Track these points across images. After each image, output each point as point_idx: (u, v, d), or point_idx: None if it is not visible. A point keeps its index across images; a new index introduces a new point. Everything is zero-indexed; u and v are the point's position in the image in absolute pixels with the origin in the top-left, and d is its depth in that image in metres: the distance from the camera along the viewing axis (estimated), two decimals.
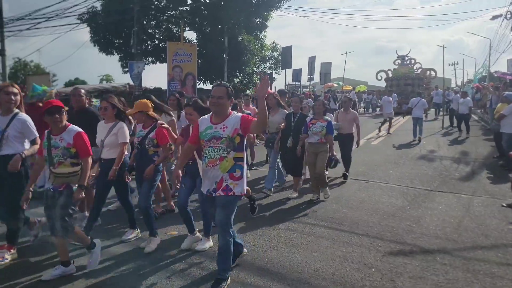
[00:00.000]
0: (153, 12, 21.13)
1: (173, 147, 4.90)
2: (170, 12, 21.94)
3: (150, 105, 4.50)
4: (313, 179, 6.42)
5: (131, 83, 17.86)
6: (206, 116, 3.54)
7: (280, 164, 7.13)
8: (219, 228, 3.37)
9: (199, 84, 20.24)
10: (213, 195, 3.36)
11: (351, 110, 7.87)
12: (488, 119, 15.66)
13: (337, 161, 6.71)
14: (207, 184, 3.41)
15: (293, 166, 6.70)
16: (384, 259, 4.00)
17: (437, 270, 3.72)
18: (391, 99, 15.22)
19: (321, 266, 3.84)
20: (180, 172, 4.00)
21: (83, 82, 33.12)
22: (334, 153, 6.40)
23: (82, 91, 5.38)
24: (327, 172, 7.54)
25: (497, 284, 3.41)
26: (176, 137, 4.86)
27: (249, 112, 8.54)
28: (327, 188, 6.40)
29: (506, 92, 9.69)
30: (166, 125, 4.55)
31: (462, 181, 7.56)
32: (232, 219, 3.40)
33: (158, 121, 4.50)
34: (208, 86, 22.71)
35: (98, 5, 20.43)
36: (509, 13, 23.16)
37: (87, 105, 5.44)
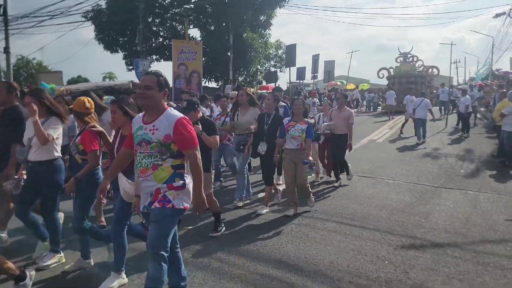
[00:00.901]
0: (157, 10, 21.24)
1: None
2: (174, 9, 22.04)
3: (88, 105, 3.76)
4: (289, 192, 5.54)
5: (135, 80, 17.96)
6: (140, 114, 2.92)
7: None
8: (149, 250, 2.69)
9: (204, 82, 20.35)
10: (149, 211, 2.75)
11: (346, 108, 7.26)
12: (490, 117, 15.74)
13: (311, 166, 5.64)
14: (143, 199, 2.80)
15: (265, 173, 5.80)
16: (396, 252, 4.13)
17: (448, 262, 3.86)
18: (414, 97, 13.96)
19: (335, 259, 3.98)
20: (107, 184, 3.14)
21: (86, 80, 33.21)
22: (311, 158, 5.54)
23: (10, 84, 4.50)
24: (324, 177, 7.68)
25: (507, 276, 3.54)
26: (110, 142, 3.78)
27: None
28: (312, 197, 5.75)
29: (510, 91, 9.80)
30: (98, 128, 3.73)
31: (468, 178, 7.69)
32: (169, 240, 2.74)
33: (90, 124, 3.72)
34: (213, 84, 22.85)
35: (103, 3, 20.58)
36: None
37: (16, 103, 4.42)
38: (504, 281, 3.45)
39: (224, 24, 20.64)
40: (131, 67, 21.25)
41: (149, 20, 20.86)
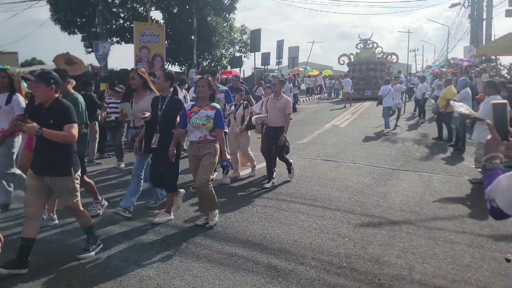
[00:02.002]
0: None
1: None
2: None
3: None
4: (199, 198, 4.61)
5: (94, 63, 17.35)
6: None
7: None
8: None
9: (167, 66, 19.95)
10: None
11: (284, 96, 6.26)
12: (435, 104, 16.55)
13: (227, 168, 4.71)
14: None
15: (163, 176, 4.59)
16: (356, 230, 4.36)
17: (403, 238, 4.12)
18: (404, 87, 13.85)
19: (299, 237, 4.15)
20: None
21: (41, 62, 31.57)
22: (228, 155, 4.65)
23: None
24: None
25: (455, 249, 3.84)
26: None
27: None
28: (217, 210, 4.55)
29: (462, 78, 10.35)
30: None
31: (423, 161, 8.11)
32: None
33: None
34: (176, 68, 22.44)
35: None
36: (467, 1, 24.27)
37: None
38: (452, 253, 3.74)
39: (187, 6, 20.23)
40: (89, 49, 20.47)
41: (109, 0, 20.07)
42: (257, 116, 6.35)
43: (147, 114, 4.60)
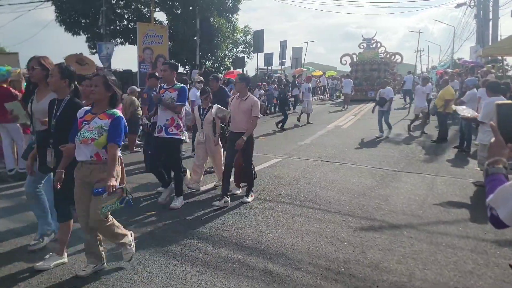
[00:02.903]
0: None
1: None
2: None
3: None
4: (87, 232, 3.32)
5: (99, 64, 17.34)
6: None
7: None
8: None
9: None
10: None
11: (250, 96, 5.41)
12: (433, 104, 16.33)
13: (127, 201, 3.22)
14: None
15: (58, 201, 3.52)
16: (356, 234, 4.25)
17: (404, 243, 4.01)
18: (424, 89, 12.08)
19: (297, 241, 4.05)
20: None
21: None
22: (125, 183, 3.33)
23: None
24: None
25: (458, 254, 3.72)
26: None
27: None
28: (128, 241, 3.46)
29: (469, 78, 10.24)
30: None
31: (427, 163, 7.98)
32: None
33: None
34: (180, 69, 22.40)
35: None
36: (473, 1, 24.04)
37: None
38: (454, 259, 3.63)
39: (191, 7, 20.20)
40: (94, 50, 20.47)
41: (113, 1, 20.10)
42: (219, 107, 5.63)
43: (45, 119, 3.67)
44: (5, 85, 6.31)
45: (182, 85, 5.25)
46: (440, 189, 5.99)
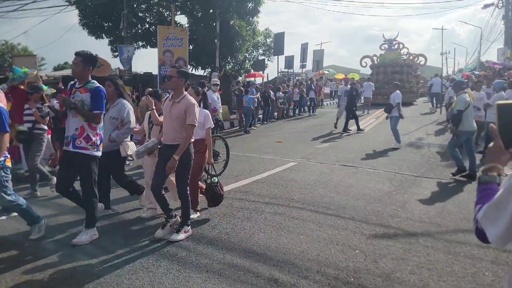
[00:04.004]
0: None
1: None
2: None
3: None
4: None
5: (120, 67, 17.63)
6: None
7: None
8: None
9: (190, 70, 20.04)
10: None
11: (187, 96, 4.20)
12: (450, 108, 15.77)
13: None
14: None
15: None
16: (369, 242, 4.07)
17: (419, 252, 3.81)
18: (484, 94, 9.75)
19: (306, 248, 3.91)
20: None
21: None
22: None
23: None
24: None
25: (476, 265, 3.50)
26: None
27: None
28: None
29: (496, 81, 9.82)
30: None
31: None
32: None
33: None
34: (199, 72, 22.52)
35: None
36: (501, 2, 23.26)
37: None
38: (472, 270, 3.41)
39: (211, 10, 20.26)
40: (116, 53, 20.83)
41: (135, 5, 20.38)
42: (127, 144, 4.83)
43: None
44: (22, 87, 6.43)
45: (97, 85, 4.05)
46: (461, 196, 5.72)
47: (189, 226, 4.28)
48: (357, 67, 30.94)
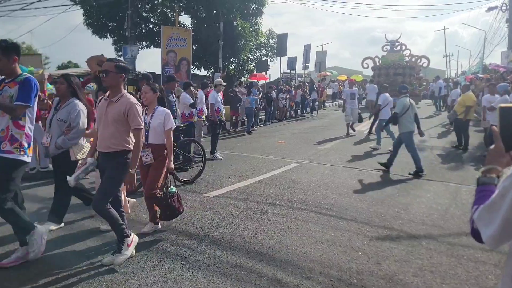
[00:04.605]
0: None
1: None
2: None
3: None
4: None
5: None
6: None
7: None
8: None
9: (193, 70, 20.09)
10: None
11: (126, 94, 3.55)
12: (479, 110, 15.77)
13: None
14: None
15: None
16: (371, 243, 4.08)
17: (422, 254, 3.81)
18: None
19: (309, 249, 3.92)
20: None
21: (76, 66, 32.64)
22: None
23: None
24: None
25: (479, 268, 3.51)
26: None
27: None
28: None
29: (500, 84, 9.81)
30: None
31: (451, 170, 7.68)
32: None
33: None
34: (202, 72, 22.57)
35: None
36: (504, 5, 23.22)
37: None
38: (476, 273, 3.41)
39: (215, 11, 20.30)
40: (120, 53, 20.88)
41: (139, 5, 20.44)
42: (77, 174, 3.76)
43: None
44: None
45: (27, 75, 3.50)
46: (465, 199, 5.71)
47: (130, 236, 3.63)
48: (360, 69, 30.85)
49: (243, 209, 5.22)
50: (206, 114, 9.77)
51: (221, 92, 10.17)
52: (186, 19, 23.05)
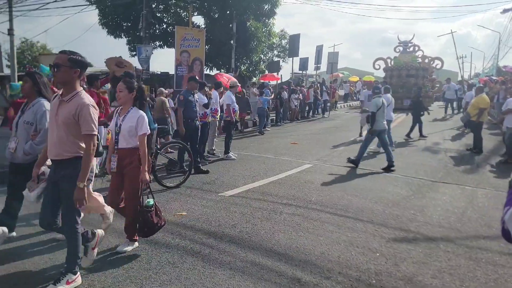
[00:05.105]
0: None
1: None
2: None
3: None
4: None
5: (138, 67, 17.87)
6: None
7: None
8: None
9: (206, 70, 20.23)
10: None
11: (82, 93, 3.08)
12: (494, 113, 15.62)
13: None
14: None
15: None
16: (388, 245, 4.10)
17: (440, 257, 3.83)
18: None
19: (327, 249, 3.96)
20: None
21: (89, 65, 33.04)
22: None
23: None
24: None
25: (498, 272, 3.51)
26: None
27: None
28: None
29: None
30: None
31: (466, 173, 7.64)
32: None
33: None
34: (215, 72, 22.69)
35: None
36: None
37: None
38: (494, 276, 3.42)
39: (228, 12, 20.43)
40: (134, 53, 21.12)
41: (153, 5, 20.66)
42: (37, 191, 3.34)
43: None
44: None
45: None
46: (481, 202, 5.69)
47: (76, 274, 3.15)
48: (371, 70, 30.62)
49: (259, 209, 5.27)
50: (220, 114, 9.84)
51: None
52: (198, 19, 23.22)
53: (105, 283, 3.21)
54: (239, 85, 11.65)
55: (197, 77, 7.65)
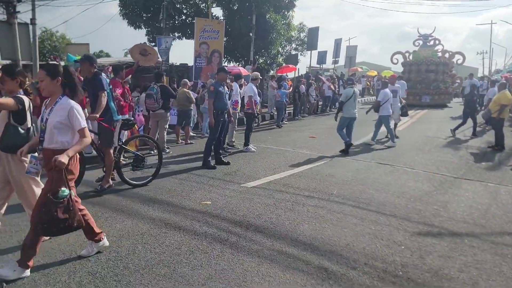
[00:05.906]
0: None
1: None
2: None
3: None
4: None
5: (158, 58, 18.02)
6: None
7: None
8: None
9: (224, 62, 20.27)
10: None
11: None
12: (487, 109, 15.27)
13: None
14: None
15: None
16: (413, 239, 4.14)
17: (466, 251, 3.84)
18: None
19: (351, 241, 4.01)
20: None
21: (107, 55, 33.43)
22: None
23: None
24: None
25: None
26: None
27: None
28: None
29: None
30: None
31: (489, 170, 7.57)
32: None
33: None
34: (233, 65, 22.71)
35: None
36: None
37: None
38: None
39: (247, 4, 20.37)
40: (153, 44, 21.30)
41: None
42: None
43: None
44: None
45: None
46: (505, 199, 5.66)
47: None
48: (388, 64, 30.21)
49: (282, 200, 5.35)
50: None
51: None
52: (217, 11, 23.21)
53: (139, 265, 3.34)
54: (261, 77, 11.68)
55: (226, 68, 7.74)
